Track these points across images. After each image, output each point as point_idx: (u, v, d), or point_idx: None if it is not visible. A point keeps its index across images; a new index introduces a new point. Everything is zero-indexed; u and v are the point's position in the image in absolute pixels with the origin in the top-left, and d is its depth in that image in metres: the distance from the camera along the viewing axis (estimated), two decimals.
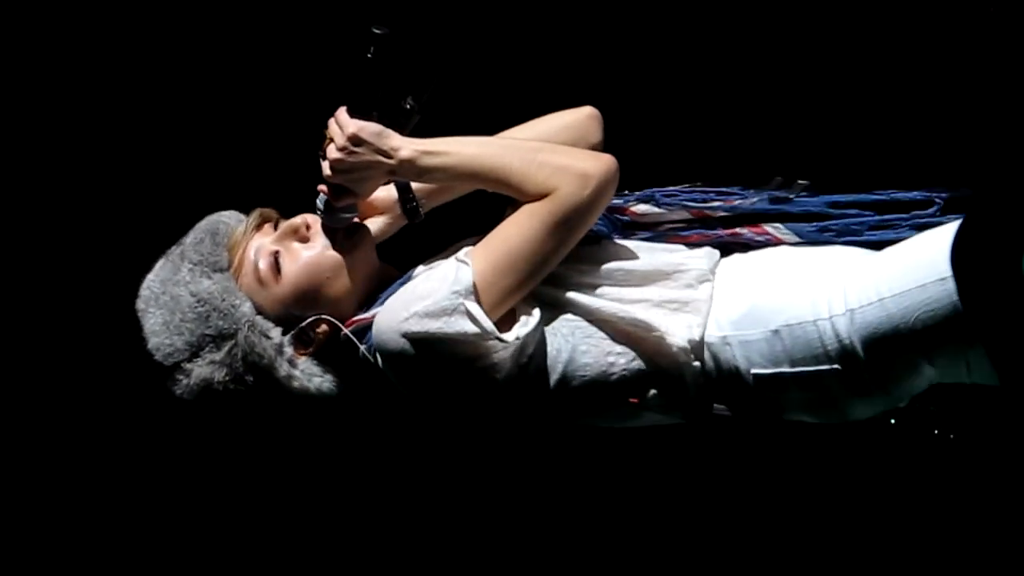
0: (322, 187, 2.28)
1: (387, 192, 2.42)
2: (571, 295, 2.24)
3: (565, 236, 2.19)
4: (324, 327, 2.30)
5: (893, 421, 2.56)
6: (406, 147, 2.22)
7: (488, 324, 2.15)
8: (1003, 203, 2.12)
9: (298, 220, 2.31)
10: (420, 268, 2.33)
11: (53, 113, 3.77)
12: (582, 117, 2.42)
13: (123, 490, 3.93)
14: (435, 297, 2.15)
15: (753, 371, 2.21)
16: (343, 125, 2.21)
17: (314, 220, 2.32)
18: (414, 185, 2.40)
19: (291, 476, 3.98)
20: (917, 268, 2.13)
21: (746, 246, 2.35)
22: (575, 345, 2.22)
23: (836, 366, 2.17)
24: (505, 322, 2.20)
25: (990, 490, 3.44)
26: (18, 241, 3.80)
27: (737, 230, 2.36)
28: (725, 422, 2.26)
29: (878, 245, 2.30)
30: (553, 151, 2.22)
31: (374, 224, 2.40)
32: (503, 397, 2.21)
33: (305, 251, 2.30)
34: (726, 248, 2.34)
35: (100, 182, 3.78)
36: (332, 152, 2.23)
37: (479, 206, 2.37)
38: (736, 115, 3.77)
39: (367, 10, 2.66)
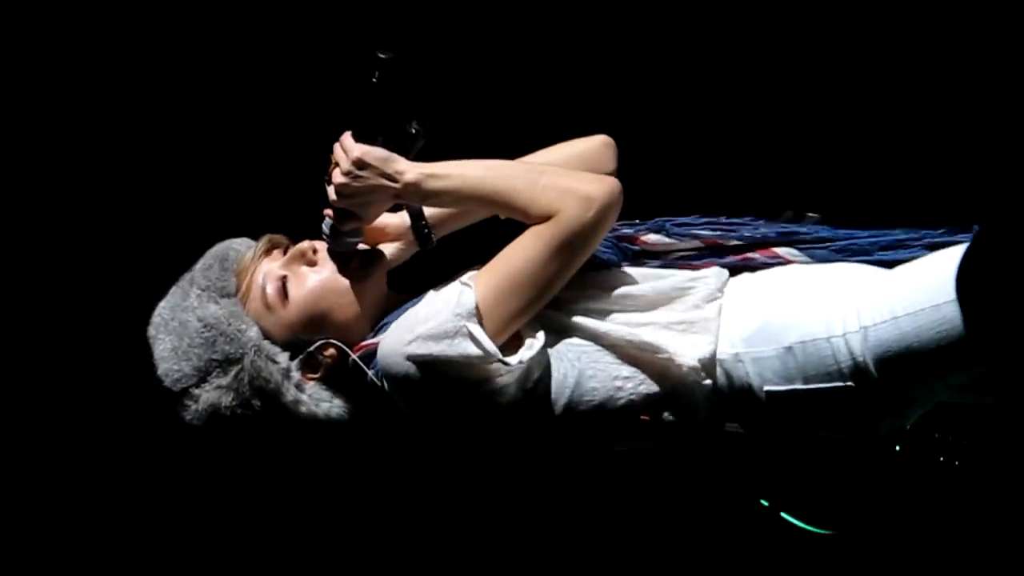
0: (328, 211, 2.28)
1: (399, 218, 2.42)
2: (578, 320, 2.24)
3: (569, 258, 2.19)
4: (332, 351, 2.29)
5: (898, 447, 2.55)
6: (411, 171, 2.23)
7: (491, 346, 2.14)
8: (1011, 227, 2.10)
9: (305, 245, 2.32)
10: (429, 294, 2.32)
11: (60, 140, 3.79)
12: (596, 145, 2.42)
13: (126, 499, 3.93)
14: (438, 320, 2.15)
15: (766, 388, 2.20)
16: (348, 149, 2.22)
17: (322, 245, 2.32)
18: (426, 211, 2.40)
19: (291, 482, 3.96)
20: (932, 288, 2.13)
21: (756, 268, 2.34)
22: (581, 370, 2.21)
23: (849, 383, 2.17)
24: (510, 346, 2.19)
25: (996, 516, 3.44)
26: (29, 268, 3.81)
27: (748, 255, 2.35)
28: (737, 442, 2.26)
29: (889, 265, 2.29)
30: (557, 174, 2.22)
31: (386, 250, 2.40)
32: (509, 422, 2.21)
33: (312, 275, 2.30)
34: (736, 270, 2.33)
35: (110, 211, 3.79)
36: (337, 176, 2.23)
37: (490, 233, 2.37)
38: (746, 145, 3.77)
39: (372, 35, 2.66)
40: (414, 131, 2.26)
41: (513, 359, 2.16)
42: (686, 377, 2.21)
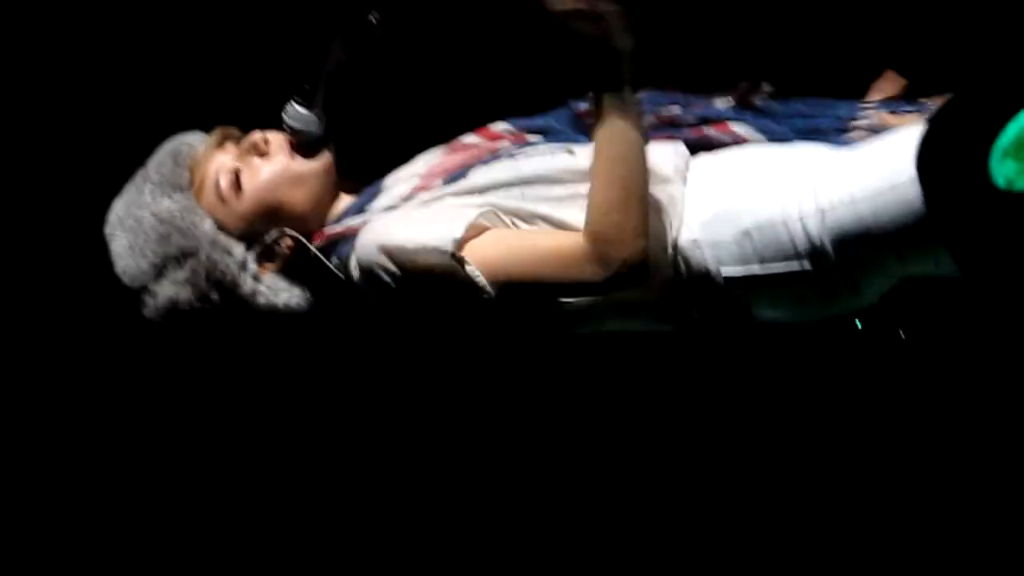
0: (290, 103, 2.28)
1: None
2: (536, 207, 2.23)
3: (562, 286, 2.17)
4: (288, 242, 2.30)
5: (860, 324, 2.56)
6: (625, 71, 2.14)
7: (481, 280, 2.15)
8: (972, 103, 2.10)
9: (257, 136, 2.31)
10: (389, 180, 2.33)
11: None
12: None
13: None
14: (431, 231, 2.15)
15: (724, 272, 2.20)
16: None
17: (274, 136, 2.31)
18: None
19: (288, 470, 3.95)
20: (889, 169, 2.13)
21: (713, 147, 2.32)
22: None
23: (807, 265, 2.17)
24: None
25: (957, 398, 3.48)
26: None
27: (703, 130, 2.33)
28: (698, 326, 2.27)
29: (846, 142, 2.28)
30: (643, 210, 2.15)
31: None
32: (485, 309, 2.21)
33: (266, 166, 2.30)
34: (692, 148, 2.31)
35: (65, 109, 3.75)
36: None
37: (438, 117, 2.36)
38: (700, 19, 3.74)
39: None
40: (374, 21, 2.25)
41: None
42: (655, 258, 2.19)
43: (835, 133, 2.30)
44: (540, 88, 2.58)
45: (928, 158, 2.08)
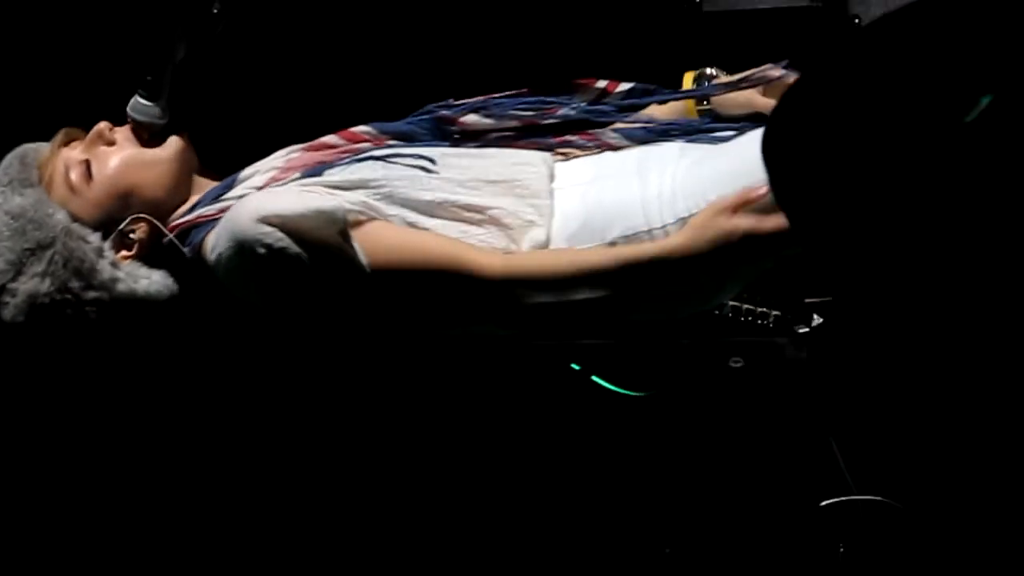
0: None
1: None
2: (414, 217, 2.25)
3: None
4: (143, 227, 2.33)
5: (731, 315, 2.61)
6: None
7: (362, 256, 2.18)
8: (812, 98, 2.06)
9: (102, 125, 2.34)
10: (246, 172, 2.35)
11: None
12: None
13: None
14: (321, 200, 2.17)
15: None
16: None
17: (120, 127, 2.34)
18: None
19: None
20: (741, 173, 2.19)
21: (575, 150, 2.39)
22: None
23: None
24: None
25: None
26: None
27: (567, 137, 2.40)
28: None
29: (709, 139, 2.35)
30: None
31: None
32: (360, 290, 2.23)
33: (114, 153, 2.33)
34: (555, 153, 2.37)
35: None
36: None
37: (296, 115, 2.38)
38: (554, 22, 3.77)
39: None
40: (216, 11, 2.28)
41: None
42: None
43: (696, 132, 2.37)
44: (401, 90, 2.62)
45: (774, 158, 2.03)
